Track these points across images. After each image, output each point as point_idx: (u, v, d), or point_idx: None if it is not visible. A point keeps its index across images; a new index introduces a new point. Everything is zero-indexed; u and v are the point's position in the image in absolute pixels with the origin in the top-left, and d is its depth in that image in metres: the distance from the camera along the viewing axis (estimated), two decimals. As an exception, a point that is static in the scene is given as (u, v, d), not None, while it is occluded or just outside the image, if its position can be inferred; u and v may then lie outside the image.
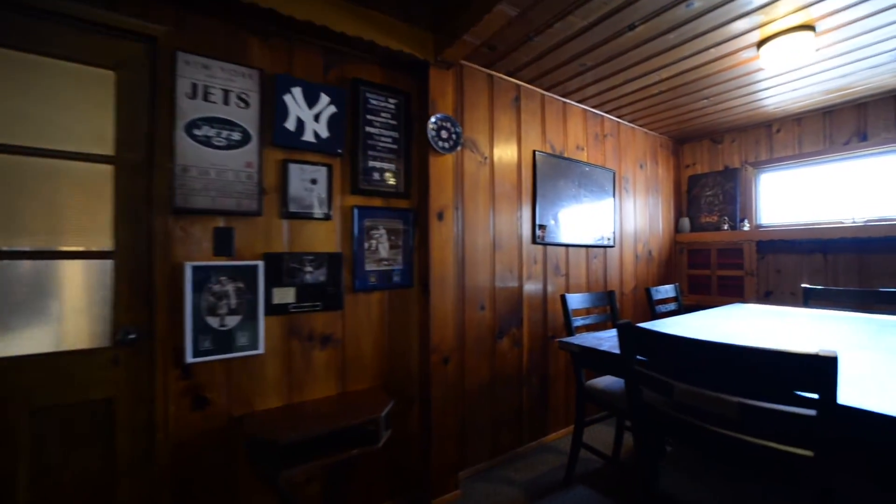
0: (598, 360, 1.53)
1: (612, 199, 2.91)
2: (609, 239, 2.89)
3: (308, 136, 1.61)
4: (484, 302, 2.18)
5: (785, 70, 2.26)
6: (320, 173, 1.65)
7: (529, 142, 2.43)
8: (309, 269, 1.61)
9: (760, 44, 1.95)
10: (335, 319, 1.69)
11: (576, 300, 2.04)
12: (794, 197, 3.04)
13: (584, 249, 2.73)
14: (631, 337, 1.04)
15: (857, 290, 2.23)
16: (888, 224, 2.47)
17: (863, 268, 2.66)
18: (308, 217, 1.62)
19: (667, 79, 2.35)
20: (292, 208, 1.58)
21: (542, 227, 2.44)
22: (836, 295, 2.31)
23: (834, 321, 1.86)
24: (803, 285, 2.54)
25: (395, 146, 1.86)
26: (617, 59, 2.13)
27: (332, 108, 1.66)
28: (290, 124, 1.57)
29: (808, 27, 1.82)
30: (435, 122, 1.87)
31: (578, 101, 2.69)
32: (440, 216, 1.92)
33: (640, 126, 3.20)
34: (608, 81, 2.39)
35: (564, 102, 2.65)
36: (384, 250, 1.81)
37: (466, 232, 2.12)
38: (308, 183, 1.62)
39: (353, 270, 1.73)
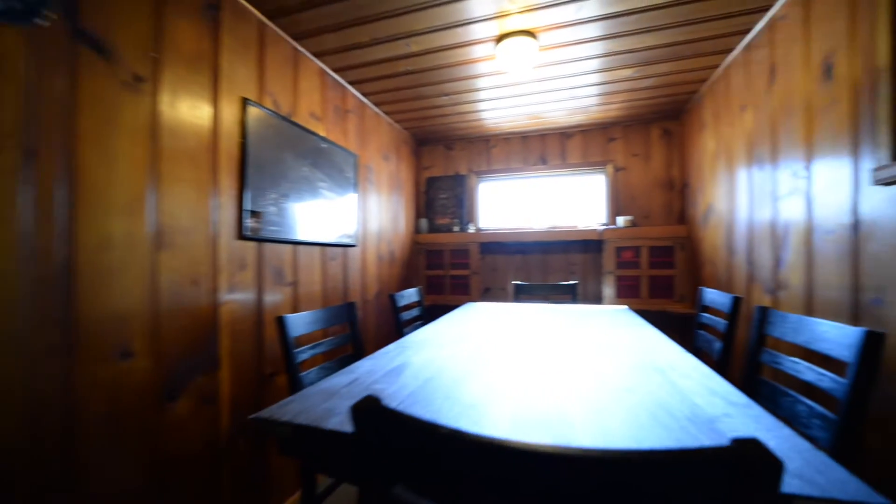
0: (325, 449, 0.79)
1: (355, 189, 2.45)
2: (352, 237, 2.41)
3: None
4: (130, 343, 1.20)
5: (505, 84, 2.41)
6: None
7: (237, 85, 1.61)
8: None
9: (499, 40, 1.92)
10: None
11: (301, 322, 1.40)
12: (505, 204, 3.52)
13: (320, 249, 2.13)
14: (378, 436, 0.49)
15: (552, 284, 2.65)
16: (559, 231, 3.13)
17: (545, 265, 3.30)
18: None
19: (416, 53, 2.07)
20: None
21: (255, 214, 1.66)
22: (538, 289, 2.68)
23: (551, 313, 2.03)
24: (513, 282, 2.87)
25: None
26: None
27: None
28: None
29: (531, 34, 1.89)
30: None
31: (316, 55, 2.07)
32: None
33: (386, 114, 2.91)
34: (352, 33, 1.88)
35: (297, 50, 1.96)
36: None
37: (81, 212, 1.09)
38: None
39: None
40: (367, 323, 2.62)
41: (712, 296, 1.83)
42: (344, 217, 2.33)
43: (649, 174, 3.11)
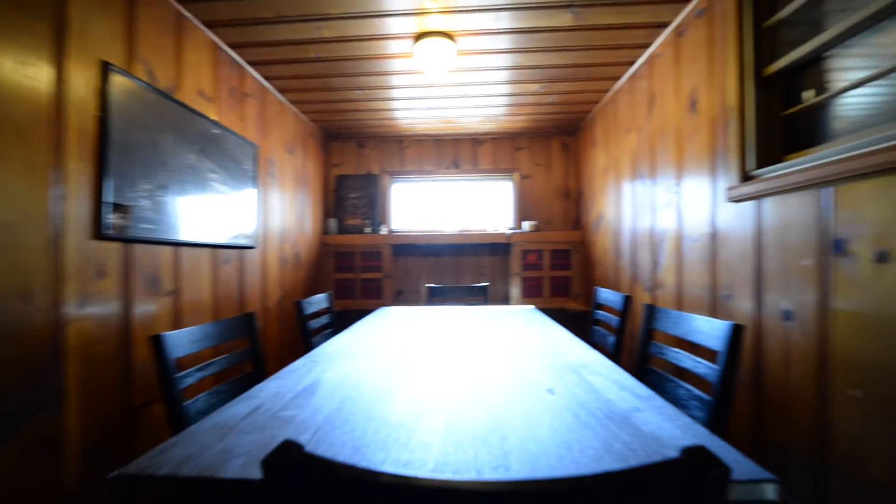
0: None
1: (254, 184, 2.17)
2: (250, 237, 2.13)
3: None
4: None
5: (421, 84, 2.39)
6: None
7: (94, 43, 1.28)
8: None
9: (417, 38, 1.88)
10: None
11: (185, 340, 1.16)
12: (417, 206, 3.49)
13: (210, 251, 1.83)
14: (303, 497, 0.40)
15: (465, 286, 2.69)
16: (471, 234, 3.22)
17: (457, 267, 3.36)
18: None
19: (328, 39, 1.91)
20: None
21: (121, 208, 1.34)
22: (451, 291, 2.70)
23: (465, 315, 2.05)
24: (427, 285, 2.85)
25: None
26: (265, -30, 1.45)
27: None
28: None
29: (450, 37, 1.89)
30: None
31: (207, 25, 1.77)
32: None
33: (292, 103, 2.65)
34: (253, 6, 1.65)
35: (180, 13, 1.65)
36: None
37: None
38: None
39: None
40: (269, 334, 2.34)
41: (606, 294, 2.04)
42: (241, 215, 2.05)
43: (550, 183, 3.38)
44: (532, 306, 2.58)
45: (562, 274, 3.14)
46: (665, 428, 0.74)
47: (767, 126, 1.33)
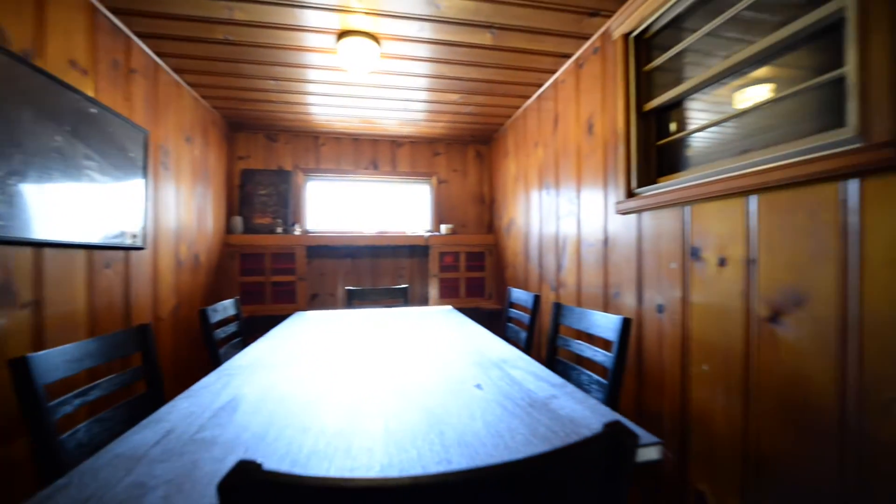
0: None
1: (143, 174, 1.88)
2: (136, 236, 1.84)
3: None
4: None
5: (342, 82, 2.33)
6: None
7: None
8: None
9: (341, 36, 1.83)
10: None
11: (57, 361, 0.97)
12: (334, 206, 3.37)
13: (85, 252, 1.54)
14: None
15: (385, 288, 2.68)
16: (390, 236, 3.22)
17: (376, 269, 3.33)
18: None
19: (240, 22, 1.75)
20: None
21: (-41, 200, 1.07)
22: (371, 294, 2.67)
23: (387, 317, 2.05)
24: (347, 287, 2.78)
25: None
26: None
27: None
28: None
29: (375, 39, 1.88)
30: None
31: (77, -15, 1.49)
32: None
33: (191, 86, 2.35)
34: (144, -25, 1.44)
35: (40, -33, 1.36)
36: None
37: None
38: None
39: None
40: (162, 348, 2.05)
41: (518, 294, 2.23)
42: (126, 210, 1.76)
43: (466, 188, 3.55)
44: (450, 306, 2.69)
45: (477, 275, 3.32)
46: (577, 410, 0.87)
47: (646, 152, 1.61)
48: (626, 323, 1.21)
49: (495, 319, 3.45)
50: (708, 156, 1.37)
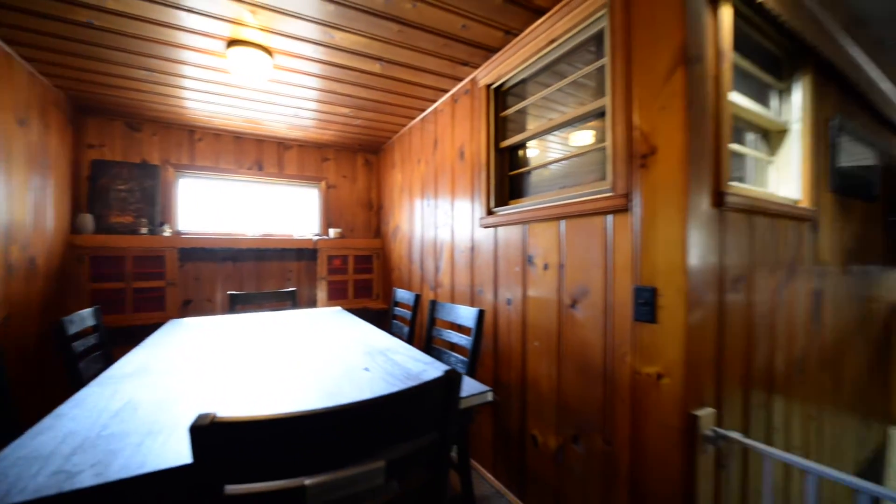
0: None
1: (-38, 165, 1.60)
2: (-46, 238, 1.56)
3: None
4: None
5: (225, 82, 2.30)
6: None
7: None
8: None
9: (231, 43, 1.85)
10: None
11: None
12: (212, 206, 3.17)
13: None
14: (214, 443, 0.58)
15: (272, 291, 2.69)
16: (276, 239, 3.19)
17: (260, 273, 3.25)
18: None
19: (109, 10, 1.64)
20: None
21: None
22: (257, 297, 2.65)
23: (276, 320, 2.11)
24: (230, 292, 2.69)
25: None
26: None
27: None
28: None
29: (268, 51, 1.96)
30: None
31: None
32: None
33: (23, 57, 2.02)
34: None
35: None
36: None
37: None
38: None
39: None
40: (-17, 368, 1.74)
41: (402, 294, 2.52)
42: (-61, 208, 1.49)
43: (355, 194, 3.71)
44: (339, 307, 2.84)
45: (365, 277, 3.52)
46: (440, 377, 1.18)
47: (501, 180, 2.06)
48: (480, 313, 1.59)
49: (383, 318, 3.69)
50: (540, 188, 1.86)
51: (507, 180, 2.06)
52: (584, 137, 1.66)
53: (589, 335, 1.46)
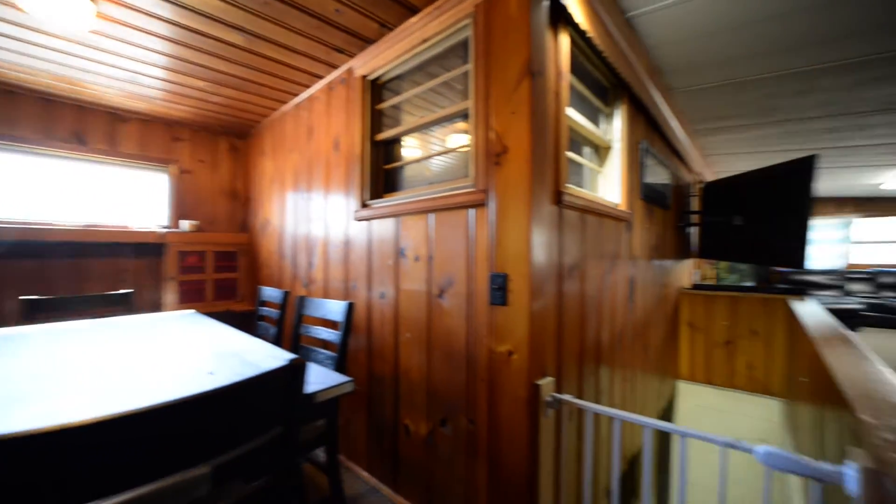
0: None
1: None
2: None
3: None
4: None
5: (26, 24, 1.79)
6: None
7: None
8: None
9: (23, -25, 1.44)
10: None
11: None
12: (5, 188, 2.42)
13: None
14: None
15: (97, 295, 2.17)
16: (105, 230, 2.61)
17: (81, 272, 2.62)
18: None
19: None
20: None
21: None
22: (72, 303, 2.12)
23: (110, 328, 1.71)
24: (23, 297, 2.10)
25: None
26: None
27: None
28: None
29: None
30: None
31: None
32: None
33: None
34: None
35: None
36: None
37: None
38: None
39: None
40: None
41: (269, 292, 2.31)
42: None
43: (216, 182, 3.27)
44: (193, 311, 2.46)
45: (227, 276, 3.12)
46: (298, 371, 1.11)
47: (376, 173, 2.05)
48: (350, 306, 1.55)
49: (249, 320, 3.32)
50: (415, 182, 1.91)
51: (383, 174, 2.06)
52: (461, 139, 1.77)
53: (454, 323, 1.55)
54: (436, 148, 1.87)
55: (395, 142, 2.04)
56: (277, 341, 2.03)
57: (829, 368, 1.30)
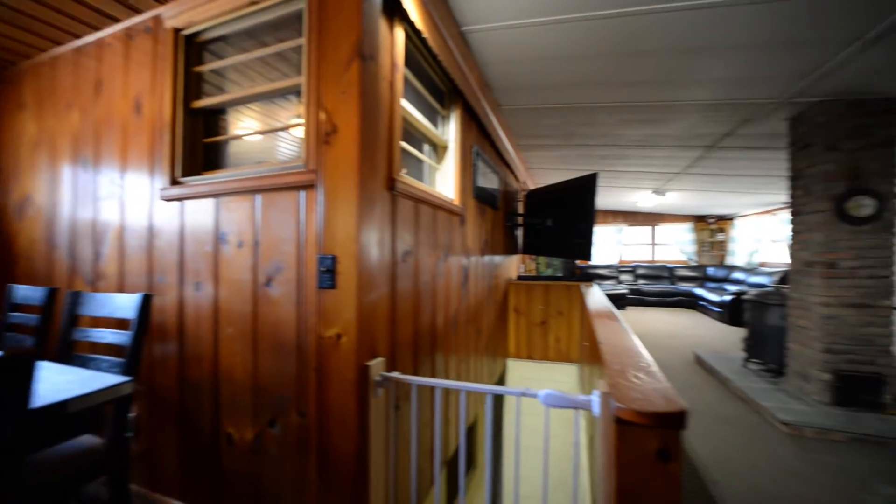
0: None
1: None
2: None
3: None
4: None
5: None
6: None
7: None
8: None
9: None
10: None
11: None
12: None
13: None
14: None
15: None
16: None
17: None
18: None
19: None
20: None
21: None
22: None
23: None
24: None
25: None
26: None
27: None
28: None
29: None
30: None
31: None
32: None
33: None
34: None
35: None
36: None
37: None
38: None
39: None
40: None
41: (26, 292, 1.74)
42: None
43: (-69, 140, 2.28)
44: None
45: (-48, 273, 2.21)
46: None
47: (192, 146, 1.75)
48: (145, 298, 1.29)
49: (-5, 336, 2.43)
50: (241, 160, 1.71)
51: (202, 148, 1.78)
52: (296, 119, 1.65)
53: (283, 312, 1.45)
54: (271, 125, 1.71)
55: (218, 112, 1.78)
56: (40, 353, 1.54)
57: (596, 334, 1.70)
